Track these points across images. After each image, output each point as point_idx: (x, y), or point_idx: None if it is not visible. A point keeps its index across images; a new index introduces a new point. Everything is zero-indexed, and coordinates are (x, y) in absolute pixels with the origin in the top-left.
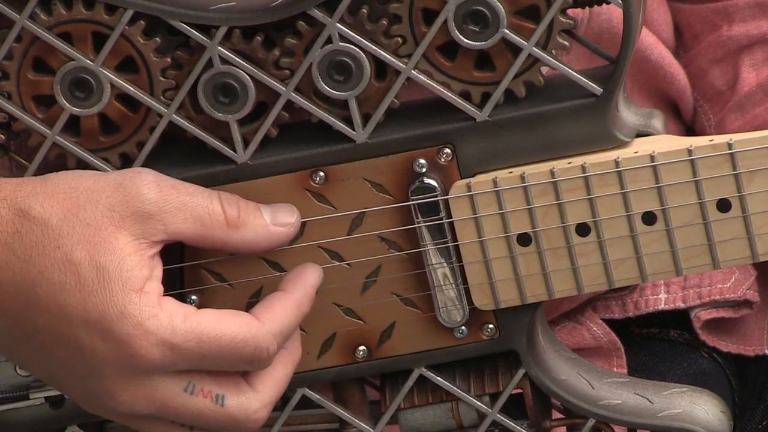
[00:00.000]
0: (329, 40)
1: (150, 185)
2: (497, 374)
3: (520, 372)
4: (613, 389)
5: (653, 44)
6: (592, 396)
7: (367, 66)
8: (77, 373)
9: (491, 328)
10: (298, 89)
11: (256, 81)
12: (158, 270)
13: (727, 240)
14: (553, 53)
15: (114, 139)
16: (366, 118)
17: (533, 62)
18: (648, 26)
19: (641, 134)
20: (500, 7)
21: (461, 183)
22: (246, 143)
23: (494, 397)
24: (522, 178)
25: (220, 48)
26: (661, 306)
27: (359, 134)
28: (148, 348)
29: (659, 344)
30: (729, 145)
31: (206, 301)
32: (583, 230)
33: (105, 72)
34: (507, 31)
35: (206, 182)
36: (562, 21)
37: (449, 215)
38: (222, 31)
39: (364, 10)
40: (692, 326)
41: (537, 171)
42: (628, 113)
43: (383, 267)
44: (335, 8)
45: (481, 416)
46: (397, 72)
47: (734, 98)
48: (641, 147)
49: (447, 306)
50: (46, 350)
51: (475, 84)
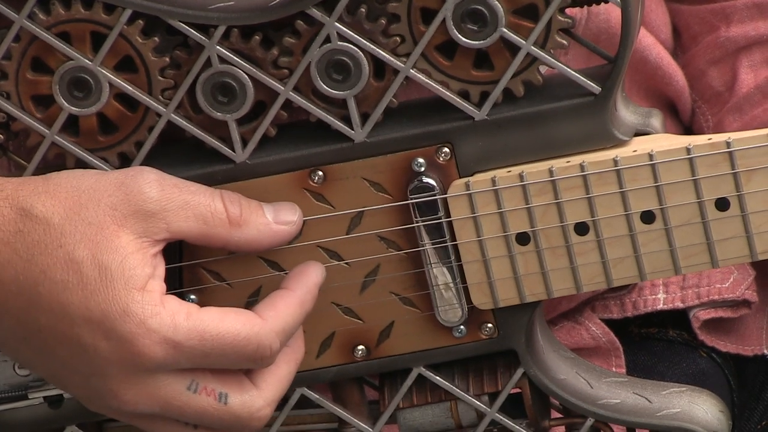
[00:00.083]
0: (328, 40)
1: (152, 184)
2: (496, 373)
3: (519, 371)
4: (612, 389)
5: (651, 45)
6: (591, 395)
7: (366, 65)
8: (80, 372)
9: (490, 328)
10: (297, 88)
11: (255, 80)
12: (160, 268)
13: (726, 239)
14: (552, 52)
15: (113, 139)
16: (364, 118)
17: (532, 61)
18: (646, 27)
19: (640, 133)
20: (499, 6)
21: (460, 182)
22: (245, 142)
23: (493, 397)
24: (521, 177)
25: (219, 47)
26: (660, 306)
27: (358, 133)
28: (151, 346)
29: (658, 344)
30: (727, 144)
31: (205, 301)
32: (582, 229)
33: (104, 71)
34: (505, 30)
35: (205, 182)
36: (561, 20)
37: (448, 214)
38: (220, 31)
39: (363, 10)
40: (691, 326)
41: (535, 170)
42: (627, 112)
43: (382, 266)
44: (334, 7)
45: (480, 416)
46: (396, 71)
47: (732, 99)
48: (640, 146)
49: (446, 305)
50: (49, 349)
51: (474, 83)
